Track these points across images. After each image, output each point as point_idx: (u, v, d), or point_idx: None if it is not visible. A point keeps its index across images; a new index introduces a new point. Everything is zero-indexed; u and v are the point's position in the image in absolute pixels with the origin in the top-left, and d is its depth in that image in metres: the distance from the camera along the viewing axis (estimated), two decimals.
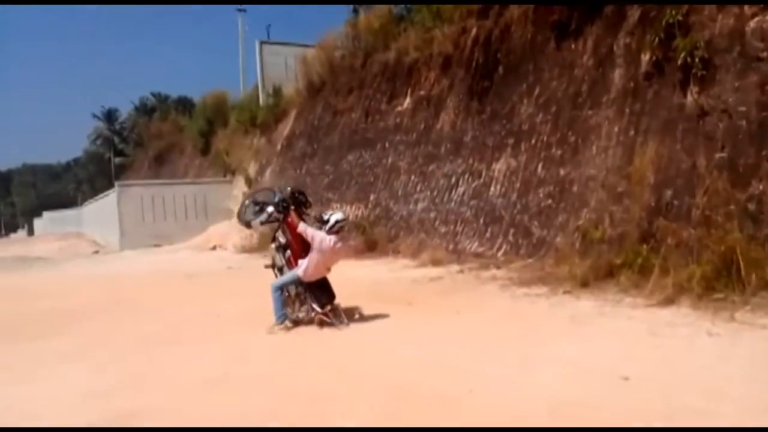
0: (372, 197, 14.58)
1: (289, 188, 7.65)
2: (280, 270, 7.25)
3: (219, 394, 4.70)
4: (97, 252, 23.75)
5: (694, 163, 7.40)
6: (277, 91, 22.34)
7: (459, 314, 6.93)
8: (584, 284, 7.41)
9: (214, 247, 19.61)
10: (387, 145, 14.69)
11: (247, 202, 8.01)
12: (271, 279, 7.21)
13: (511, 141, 10.89)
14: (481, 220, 10.94)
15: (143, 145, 44.95)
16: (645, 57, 8.52)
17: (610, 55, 9.20)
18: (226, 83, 40.10)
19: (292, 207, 7.09)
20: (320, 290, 6.82)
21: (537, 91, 10.60)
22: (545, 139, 10.12)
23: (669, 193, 7.58)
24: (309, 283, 6.80)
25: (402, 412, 4.02)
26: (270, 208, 7.24)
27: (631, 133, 8.48)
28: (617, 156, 8.60)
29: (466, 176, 11.79)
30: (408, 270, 10.61)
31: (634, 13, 8.91)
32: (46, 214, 58.41)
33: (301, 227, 6.76)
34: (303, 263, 6.75)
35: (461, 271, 9.64)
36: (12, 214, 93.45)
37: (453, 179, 12.11)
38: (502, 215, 10.48)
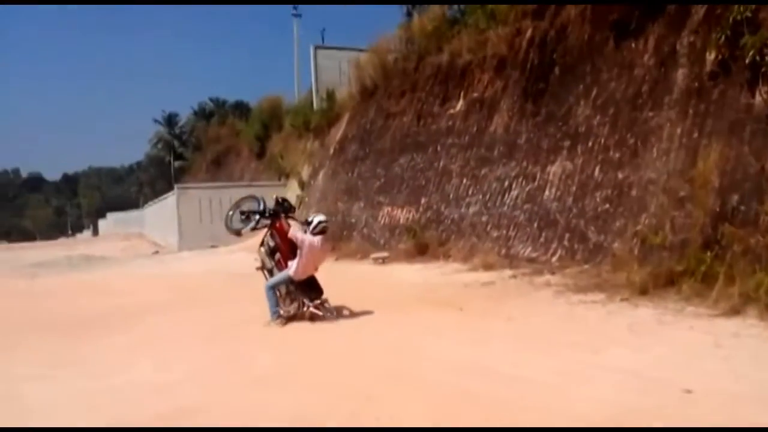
0: (423, 200, 14.53)
1: (275, 196, 8.22)
2: (270, 271, 7.78)
3: (273, 392, 4.79)
4: (156, 252, 24.59)
5: (762, 166, 7.03)
6: (330, 95, 22.58)
7: (511, 320, 6.81)
8: (643, 292, 7.14)
9: None
10: (439, 148, 14.62)
11: (230, 212, 8.44)
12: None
13: (566, 143, 10.65)
14: (535, 225, 10.73)
15: (201, 149, 46.32)
16: (710, 56, 8.17)
17: (673, 55, 8.87)
18: (282, 87, 40.87)
19: (282, 213, 7.83)
20: (309, 287, 7.50)
21: (595, 92, 10.33)
22: (603, 141, 9.85)
23: (735, 197, 7.24)
24: (299, 282, 7.45)
25: (452, 416, 3.98)
26: (256, 216, 7.83)
27: (695, 135, 8.15)
28: (679, 159, 8.28)
29: (520, 179, 11.59)
30: (459, 274, 10.52)
31: (698, 11, 8.57)
32: (110, 215, 61.04)
33: (291, 232, 7.49)
34: (293, 264, 7.39)
35: (514, 276, 9.47)
36: (78, 215, 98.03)
37: (506, 183, 11.93)
38: (557, 219, 10.25)
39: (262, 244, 7.96)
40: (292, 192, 23.07)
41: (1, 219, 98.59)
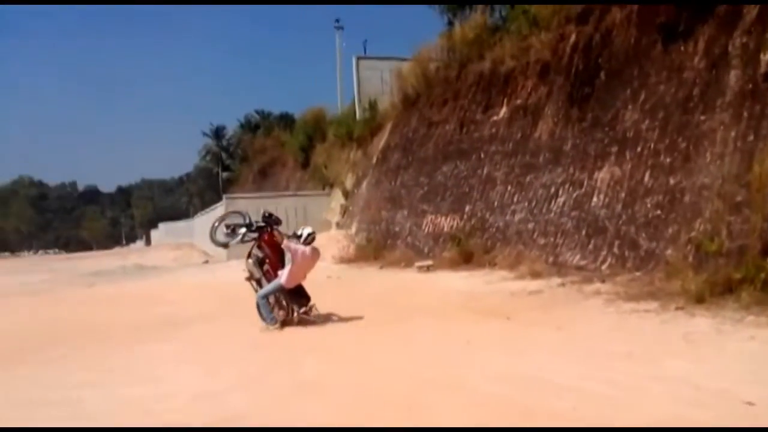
0: (467, 208, 14.45)
1: (262, 210, 8.63)
2: (258, 281, 8.30)
3: (316, 400, 4.83)
4: (206, 262, 25.13)
5: None
6: (373, 105, 22.75)
7: (560, 329, 6.69)
8: (699, 300, 6.90)
9: None
10: (482, 155, 14.53)
11: (216, 224, 8.92)
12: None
13: (614, 149, 10.43)
14: (583, 232, 10.53)
15: (248, 160, 47.35)
16: (765, 57, 7.90)
17: (725, 56, 8.60)
18: (325, 98, 41.30)
19: (274, 226, 8.34)
20: (299, 294, 8.05)
21: (643, 96, 10.10)
22: (652, 146, 9.60)
23: None
24: (289, 290, 7.96)
25: (499, 426, 3.94)
26: (242, 230, 8.23)
27: (750, 137, 7.87)
28: (734, 163, 8.00)
29: (567, 186, 11.41)
30: (505, 282, 10.39)
31: (750, 11, 8.29)
32: (161, 226, 62.83)
33: (285, 243, 8.02)
34: (283, 273, 7.91)
35: (562, 285, 9.30)
36: (131, 225, 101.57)
37: (552, 189, 11.76)
38: (606, 226, 10.04)
39: (249, 256, 8.41)
40: (336, 201, 23.29)
41: (60, 230, 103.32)
